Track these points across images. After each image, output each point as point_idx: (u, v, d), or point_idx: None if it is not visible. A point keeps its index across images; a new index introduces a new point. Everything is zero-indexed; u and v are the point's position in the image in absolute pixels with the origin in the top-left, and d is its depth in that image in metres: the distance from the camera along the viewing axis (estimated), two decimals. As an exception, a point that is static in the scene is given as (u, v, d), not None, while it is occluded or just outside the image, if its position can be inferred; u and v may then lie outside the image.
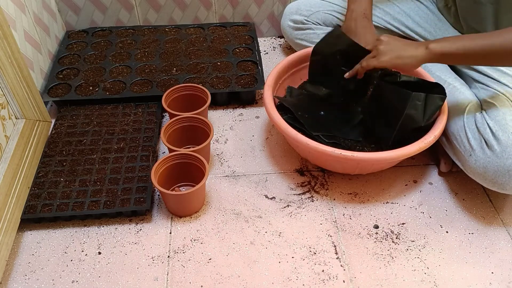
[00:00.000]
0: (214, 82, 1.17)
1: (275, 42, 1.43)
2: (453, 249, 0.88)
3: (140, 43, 1.30)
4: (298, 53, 1.11)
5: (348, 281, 0.83)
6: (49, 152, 1.00)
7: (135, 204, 0.90)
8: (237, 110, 1.19)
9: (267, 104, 0.96)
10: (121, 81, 1.17)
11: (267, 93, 0.99)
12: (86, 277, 0.83)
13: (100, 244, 0.88)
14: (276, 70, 1.05)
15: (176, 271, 0.84)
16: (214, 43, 1.31)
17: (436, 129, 0.90)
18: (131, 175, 0.96)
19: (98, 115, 1.10)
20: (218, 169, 1.03)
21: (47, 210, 0.89)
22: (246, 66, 1.24)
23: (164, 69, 1.21)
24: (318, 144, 0.88)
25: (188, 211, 0.93)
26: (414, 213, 0.94)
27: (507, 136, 0.82)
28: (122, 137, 1.04)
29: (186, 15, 1.38)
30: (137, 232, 0.90)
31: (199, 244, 0.88)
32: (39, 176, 0.95)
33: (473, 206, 0.96)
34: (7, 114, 0.95)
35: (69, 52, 1.27)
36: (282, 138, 1.10)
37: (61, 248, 0.87)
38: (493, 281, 0.83)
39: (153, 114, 1.11)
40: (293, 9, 1.25)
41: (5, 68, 0.92)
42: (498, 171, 0.83)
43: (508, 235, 0.91)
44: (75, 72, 1.20)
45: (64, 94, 1.13)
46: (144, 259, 0.86)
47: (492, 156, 0.83)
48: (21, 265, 0.85)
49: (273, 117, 0.94)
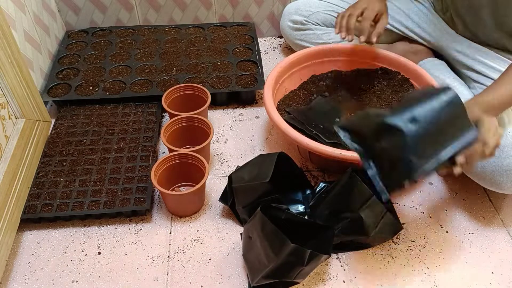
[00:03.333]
0: (214, 82, 1.17)
1: (275, 42, 1.43)
2: (453, 249, 0.88)
3: (140, 43, 1.30)
4: (298, 53, 1.11)
5: (348, 281, 0.83)
6: (49, 152, 1.00)
7: (135, 204, 0.90)
8: (237, 110, 1.19)
9: (267, 104, 0.96)
10: (121, 81, 1.17)
11: (267, 93, 0.99)
12: (86, 277, 0.83)
13: (100, 244, 0.88)
14: (276, 70, 1.05)
15: (176, 271, 0.84)
16: (214, 43, 1.31)
17: None
18: (131, 175, 0.96)
19: (98, 115, 1.10)
20: (218, 169, 1.03)
21: (47, 210, 0.89)
22: (246, 66, 1.24)
23: (164, 69, 1.21)
24: (318, 144, 0.88)
25: (188, 211, 0.93)
26: (414, 213, 0.94)
27: (504, 135, 0.82)
28: (122, 137, 1.04)
29: (186, 15, 1.38)
30: (137, 232, 0.90)
31: (199, 244, 0.88)
32: (39, 176, 0.95)
33: (473, 206, 0.96)
34: (7, 114, 0.95)
35: (69, 52, 1.27)
36: (282, 138, 1.10)
37: (61, 248, 0.87)
38: (493, 281, 0.83)
39: (153, 114, 1.11)
40: (293, 9, 1.26)
41: (5, 68, 0.92)
42: (496, 170, 0.83)
43: (508, 235, 0.91)
44: (75, 72, 1.20)
45: (64, 94, 1.13)
46: (144, 259, 0.86)
47: None
48: (21, 265, 0.85)
49: (273, 117, 0.94)
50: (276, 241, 0.73)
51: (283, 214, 0.80)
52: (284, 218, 0.79)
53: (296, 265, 0.74)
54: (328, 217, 0.86)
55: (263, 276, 0.76)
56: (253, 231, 0.77)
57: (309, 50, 1.12)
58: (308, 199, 0.93)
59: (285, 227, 0.75)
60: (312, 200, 0.92)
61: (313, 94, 1.11)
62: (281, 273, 0.75)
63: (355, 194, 0.82)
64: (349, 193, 0.83)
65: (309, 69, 1.13)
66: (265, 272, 0.75)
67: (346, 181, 0.85)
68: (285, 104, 1.08)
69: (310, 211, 0.91)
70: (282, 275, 0.76)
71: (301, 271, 0.75)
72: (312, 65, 1.13)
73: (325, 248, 0.78)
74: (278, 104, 1.06)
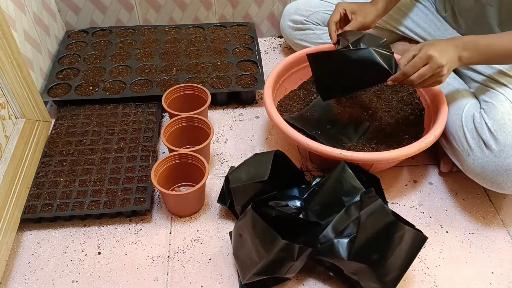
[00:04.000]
0: (214, 82, 1.17)
1: (275, 42, 1.43)
2: (453, 249, 0.88)
3: (140, 43, 1.30)
4: (297, 54, 1.11)
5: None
6: (49, 152, 1.00)
7: (135, 204, 0.90)
8: (237, 110, 1.19)
9: (267, 104, 0.96)
10: (121, 81, 1.17)
11: (267, 93, 0.99)
12: (86, 277, 0.83)
13: (100, 244, 0.88)
14: (275, 70, 1.05)
15: (176, 271, 0.84)
16: (214, 43, 1.31)
17: (436, 129, 0.90)
18: (131, 175, 0.96)
19: (98, 115, 1.10)
20: (218, 169, 1.03)
21: (47, 210, 0.89)
22: (246, 66, 1.24)
23: (164, 69, 1.21)
24: (318, 144, 0.88)
25: (188, 211, 0.93)
26: (414, 213, 0.94)
27: (505, 135, 0.82)
28: (122, 137, 1.04)
29: (186, 15, 1.38)
30: (137, 232, 0.90)
31: (199, 244, 0.88)
32: (39, 176, 0.95)
33: (473, 206, 0.96)
34: (7, 114, 0.95)
35: (69, 52, 1.27)
36: (282, 138, 1.10)
37: (61, 248, 0.87)
38: (493, 281, 0.83)
39: (153, 114, 1.11)
40: (293, 9, 1.26)
41: (5, 68, 0.92)
42: (496, 170, 0.83)
43: (508, 235, 0.91)
44: (75, 72, 1.20)
45: (64, 94, 1.13)
46: (144, 259, 0.86)
47: (490, 155, 0.83)
48: (21, 265, 0.85)
49: (273, 117, 0.94)
50: (267, 238, 0.73)
51: (274, 212, 0.80)
52: (275, 216, 0.80)
53: (287, 261, 0.74)
54: (321, 210, 0.86)
55: (254, 273, 0.76)
56: (244, 229, 0.78)
57: (308, 51, 1.12)
58: (304, 193, 0.94)
59: (275, 224, 0.75)
60: (306, 193, 0.92)
61: (313, 94, 1.11)
62: (272, 269, 0.75)
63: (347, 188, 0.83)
64: (341, 187, 0.84)
65: (309, 69, 1.13)
66: (256, 269, 0.75)
67: (339, 174, 0.85)
68: (285, 104, 1.08)
69: (303, 204, 0.91)
70: (273, 272, 0.76)
71: (291, 266, 0.75)
72: None
73: (314, 243, 0.79)
74: (278, 104, 1.06)
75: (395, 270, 0.75)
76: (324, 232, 0.80)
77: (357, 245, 0.74)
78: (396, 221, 0.74)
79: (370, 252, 0.74)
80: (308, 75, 1.14)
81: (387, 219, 0.74)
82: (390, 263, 0.74)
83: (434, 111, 0.97)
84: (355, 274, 0.77)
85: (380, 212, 0.75)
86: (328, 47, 1.10)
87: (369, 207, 0.75)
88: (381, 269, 0.74)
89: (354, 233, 0.75)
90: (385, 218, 0.74)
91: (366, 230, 0.74)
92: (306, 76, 1.14)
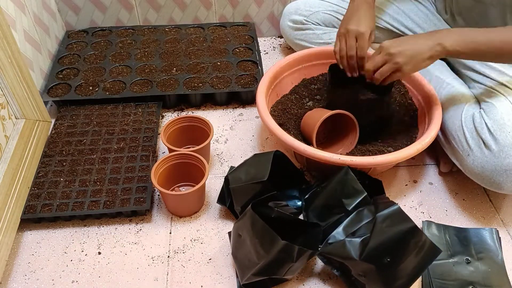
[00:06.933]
0: (214, 82, 1.17)
1: (275, 42, 1.43)
2: (453, 249, 0.88)
3: (140, 43, 1.30)
4: (288, 58, 1.10)
5: (348, 281, 0.83)
6: (49, 152, 1.00)
7: (135, 204, 0.90)
8: (237, 110, 1.19)
9: (261, 111, 0.95)
10: (121, 81, 1.17)
11: (261, 100, 0.98)
12: (86, 277, 0.83)
13: (100, 244, 0.88)
14: (268, 75, 1.04)
15: (176, 271, 0.84)
16: (214, 43, 1.31)
17: (432, 130, 0.90)
18: (131, 175, 0.96)
19: (98, 115, 1.10)
20: (218, 169, 1.03)
21: (47, 210, 0.89)
22: (246, 66, 1.24)
23: (164, 69, 1.22)
24: (316, 150, 0.87)
25: (188, 211, 0.93)
26: (414, 213, 0.94)
27: (504, 135, 0.82)
28: (122, 137, 1.04)
29: (186, 15, 1.39)
30: (137, 232, 0.90)
31: (199, 244, 0.88)
32: (39, 176, 0.95)
33: (473, 206, 0.96)
34: (7, 114, 0.95)
35: (69, 52, 1.27)
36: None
37: (61, 248, 0.87)
38: (493, 281, 0.83)
39: (153, 114, 1.11)
40: (293, 9, 1.25)
41: (5, 68, 0.92)
42: (496, 170, 0.83)
43: (508, 235, 0.91)
44: (75, 72, 1.20)
45: (64, 94, 1.13)
46: (144, 259, 0.86)
47: (489, 155, 0.83)
48: (21, 265, 0.85)
49: (268, 123, 0.93)
50: (266, 239, 0.73)
51: (273, 213, 0.80)
52: (274, 217, 0.80)
53: (286, 262, 0.74)
54: (321, 211, 0.86)
55: (253, 273, 0.76)
56: (243, 229, 0.78)
57: (299, 54, 1.11)
58: (304, 193, 0.94)
59: (275, 225, 0.75)
60: (307, 193, 0.92)
61: (305, 98, 1.11)
62: (271, 270, 0.75)
63: (349, 190, 0.83)
64: (343, 189, 0.84)
65: (299, 73, 1.13)
66: (255, 269, 0.75)
67: (341, 177, 0.85)
68: (277, 109, 1.07)
69: (304, 204, 0.91)
70: (272, 272, 0.76)
71: (290, 267, 0.75)
72: (302, 68, 1.13)
73: (313, 244, 0.79)
74: (271, 110, 1.05)
75: (404, 276, 0.73)
76: (334, 232, 0.80)
77: (370, 246, 0.73)
78: (416, 227, 0.73)
79: (383, 255, 0.73)
80: (299, 78, 1.13)
81: (406, 224, 0.73)
82: (401, 268, 0.73)
83: (428, 111, 0.98)
84: (363, 276, 0.76)
85: (398, 216, 0.74)
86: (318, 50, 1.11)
87: (386, 211, 0.75)
88: (391, 274, 0.73)
89: (368, 234, 0.74)
90: (404, 223, 0.73)
91: (381, 232, 0.74)
92: (297, 80, 1.13)
